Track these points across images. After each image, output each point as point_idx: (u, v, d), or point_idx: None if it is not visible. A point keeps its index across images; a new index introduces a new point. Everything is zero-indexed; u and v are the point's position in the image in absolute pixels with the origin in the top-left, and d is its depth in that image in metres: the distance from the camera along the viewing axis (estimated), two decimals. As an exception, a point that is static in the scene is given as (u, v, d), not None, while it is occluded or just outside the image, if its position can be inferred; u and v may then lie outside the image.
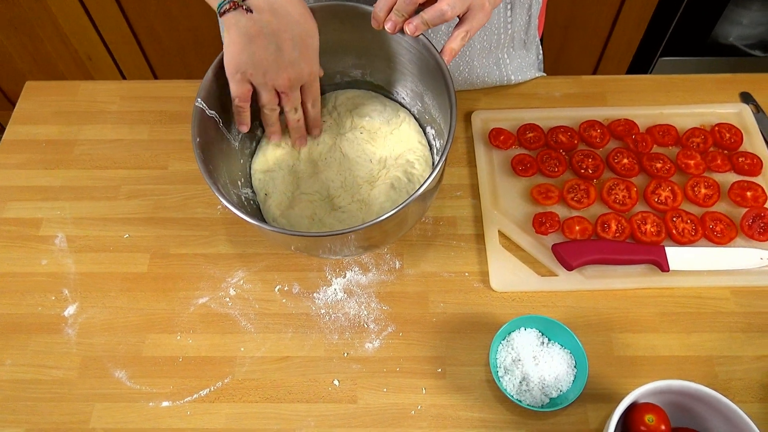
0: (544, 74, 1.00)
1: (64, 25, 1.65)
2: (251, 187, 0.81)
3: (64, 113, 0.96)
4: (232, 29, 0.63)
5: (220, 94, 0.72)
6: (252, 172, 0.82)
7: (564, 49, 1.70)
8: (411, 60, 0.75)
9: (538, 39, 1.02)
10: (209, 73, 0.70)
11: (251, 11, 0.61)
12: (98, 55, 1.75)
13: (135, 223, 0.85)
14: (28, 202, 0.87)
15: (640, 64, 1.73)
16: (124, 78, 1.83)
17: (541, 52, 1.03)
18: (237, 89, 0.69)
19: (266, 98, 0.70)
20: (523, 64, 0.97)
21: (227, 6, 0.61)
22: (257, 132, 0.83)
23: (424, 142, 0.81)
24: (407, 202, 0.61)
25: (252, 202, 0.80)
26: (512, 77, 0.96)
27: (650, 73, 1.72)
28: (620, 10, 1.57)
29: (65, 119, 0.96)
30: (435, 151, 0.81)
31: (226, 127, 0.75)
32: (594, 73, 1.78)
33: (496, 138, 0.89)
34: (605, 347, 0.74)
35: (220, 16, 0.63)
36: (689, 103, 0.94)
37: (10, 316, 0.78)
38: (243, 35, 0.63)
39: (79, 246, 0.83)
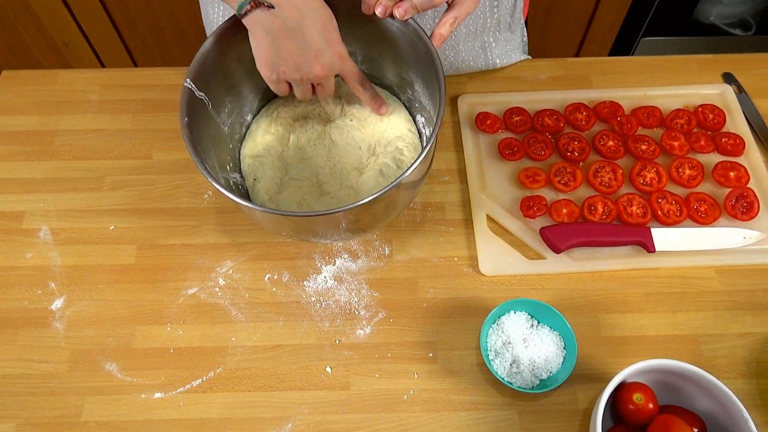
0: (529, 57, 1.00)
1: (38, 11, 1.61)
2: (240, 171, 0.81)
3: (42, 103, 0.94)
4: (256, 29, 0.62)
5: (210, 76, 0.71)
6: (241, 156, 0.81)
7: (547, 31, 1.70)
8: (401, 47, 0.75)
9: (522, 21, 1.02)
10: (199, 54, 0.69)
11: (272, 7, 0.60)
12: (75, 42, 1.71)
13: (120, 214, 0.84)
14: (9, 195, 0.86)
15: (623, 45, 1.73)
16: (102, 65, 1.80)
17: (525, 34, 1.03)
18: (276, 89, 0.69)
19: (302, 93, 0.69)
20: (508, 47, 0.97)
21: (248, 6, 0.60)
22: (247, 117, 0.82)
23: (414, 129, 0.81)
24: (399, 180, 0.61)
25: (240, 186, 0.79)
26: (497, 61, 0.96)
27: (633, 53, 1.73)
28: (602, -9, 1.57)
29: (44, 109, 0.94)
30: (425, 138, 0.80)
31: (216, 110, 0.74)
32: (577, 53, 1.79)
33: (483, 122, 0.89)
34: (593, 328, 0.75)
35: (242, 18, 0.62)
36: (673, 84, 0.94)
37: (-5, 311, 0.77)
38: (268, 34, 0.62)
39: (64, 238, 0.82)
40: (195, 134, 0.68)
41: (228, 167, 0.78)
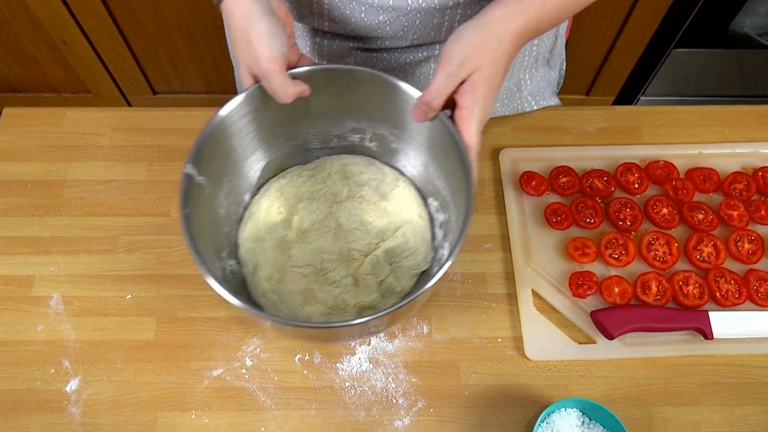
0: (559, 102, 0.93)
1: (33, 7, 1.51)
2: (236, 257, 0.73)
3: (49, 148, 0.87)
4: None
5: (211, 156, 0.64)
6: (240, 241, 0.74)
7: (574, 37, 1.61)
8: (419, 129, 0.69)
9: (563, 55, 0.95)
10: (202, 135, 0.62)
11: None
12: (73, 40, 1.61)
13: (137, 281, 0.78)
14: (17, 257, 0.79)
15: (653, 55, 1.65)
16: (103, 63, 1.70)
17: (564, 67, 0.97)
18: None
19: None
20: (542, 83, 0.91)
21: None
22: (245, 197, 0.75)
23: (425, 215, 0.75)
24: (417, 295, 0.56)
25: (237, 275, 0.72)
26: (530, 99, 0.90)
27: (662, 64, 1.65)
28: (637, 0, 1.48)
29: (51, 155, 0.86)
30: (438, 224, 0.74)
31: (214, 192, 0.68)
32: (604, 61, 1.70)
33: (528, 183, 0.82)
34: (645, 423, 0.70)
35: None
36: (729, 140, 0.88)
37: (6, 392, 0.71)
38: None
39: (77, 309, 0.76)
40: (193, 225, 0.59)
41: (223, 254, 0.70)
